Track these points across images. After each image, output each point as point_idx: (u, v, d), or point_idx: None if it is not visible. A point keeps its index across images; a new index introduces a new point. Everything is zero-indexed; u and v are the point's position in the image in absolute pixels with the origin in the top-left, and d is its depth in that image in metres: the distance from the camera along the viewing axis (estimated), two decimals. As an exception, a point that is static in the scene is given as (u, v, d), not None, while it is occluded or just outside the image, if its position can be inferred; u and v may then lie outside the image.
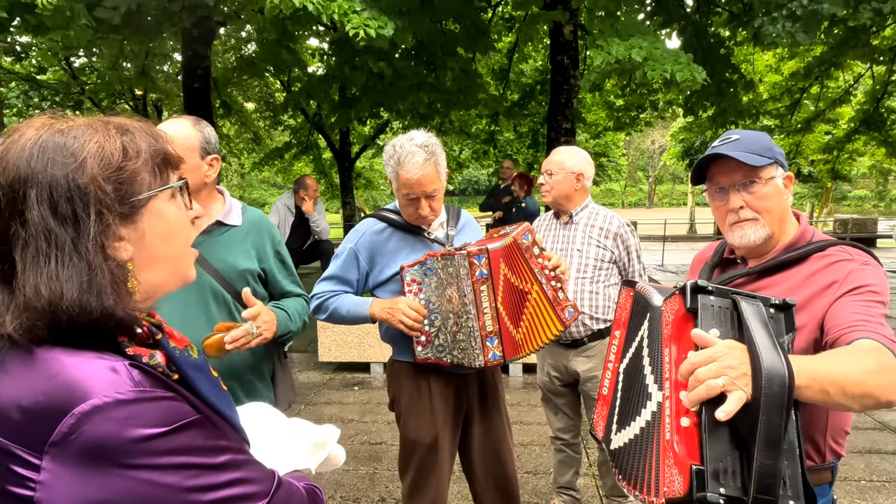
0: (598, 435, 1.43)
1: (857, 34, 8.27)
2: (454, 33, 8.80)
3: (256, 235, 1.90)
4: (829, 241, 1.38)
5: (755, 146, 1.37)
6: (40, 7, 4.94)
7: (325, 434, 1.08)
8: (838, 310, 1.23)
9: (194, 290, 1.73)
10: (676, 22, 8.27)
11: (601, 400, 1.47)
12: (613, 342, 1.46)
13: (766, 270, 1.40)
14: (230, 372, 1.76)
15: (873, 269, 1.30)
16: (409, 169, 1.95)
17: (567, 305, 2.00)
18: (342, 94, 10.59)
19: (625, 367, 1.35)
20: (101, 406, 0.66)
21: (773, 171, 1.38)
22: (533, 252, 1.96)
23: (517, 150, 15.41)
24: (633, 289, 1.41)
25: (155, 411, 0.70)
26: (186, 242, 0.87)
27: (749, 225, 1.38)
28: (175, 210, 0.84)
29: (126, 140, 0.78)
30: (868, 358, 1.06)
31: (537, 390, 4.94)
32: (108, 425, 0.66)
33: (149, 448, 0.68)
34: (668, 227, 18.65)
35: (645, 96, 11.88)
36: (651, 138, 43.08)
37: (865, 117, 12.19)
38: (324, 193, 18.09)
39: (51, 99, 13.56)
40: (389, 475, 3.45)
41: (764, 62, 14.16)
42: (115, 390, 0.68)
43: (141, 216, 0.79)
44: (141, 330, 0.78)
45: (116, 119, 0.81)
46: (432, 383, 2.11)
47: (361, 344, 5.33)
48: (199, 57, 8.98)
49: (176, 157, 0.86)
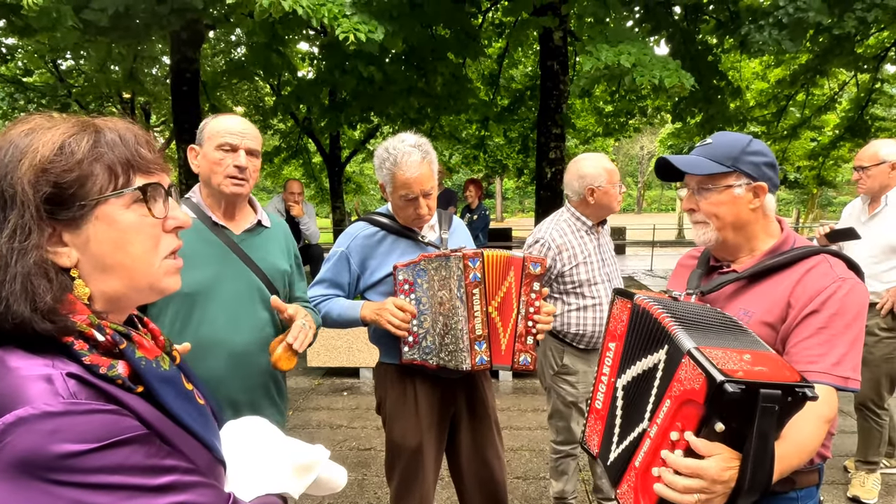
0: (593, 450, 1.41)
1: (841, 42, 8.39)
2: (444, 38, 8.81)
3: (285, 238, 1.94)
4: (812, 249, 1.39)
5: (718, 154, 1.40)
6: (26, 8, 4.89)
7: (313, 456, 1.02)
8: (800, 337, 1.29)
9: (244, 290, 1.74)
10: (665, 29, 8.35)
11: (594, 413, 1.44)
12: (608, 354, 1.43)
13: (755, 276, 1.42)
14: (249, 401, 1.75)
15: (847, 286, 1.31)
16: (408, 168, 1.95)
17: (527, 352, 1.97)
18: (332, 99, 10.58)
19: (625, 385, 1.32)
20: (25, 418, 0.63)
21: (732, 181, 1.40)
22: (532, 285, 1.97)
23: (507, 155, 15.46)
24: (629, 300, 1.38)
25: (86, 425, 0.66)
26: (147, 253, 0.80)
27: (700, 227, 1.47)
28: (132, 217, 0.78)
29: (72, 140, 0.74)
30: (814, 421, 1.20)
31: (527, 395, 4.95)
32: (32, 438, 0.63)
33: (76, 465, 0.64)
34: (657, 232, 18.78)
35: (634, 102, 11.99)
36: (640, 144, 43.41)
37: (850, 124, 12.36)
38: (313, 198, 18.03)
39: (37, 101, 13.41)
40: (378, 481, 3.42)
41: (751, 69, 14.33)
42: (44, 402, 0.65)
43: (86, 221, 0.75)
44: (104, 339, 0.74)
45: (98, 119, 0.78)
46: (418, 387, 2.10)
47: (350, 349, 5.30)
48: (187, 60, 8.92)
49: (147, 161, 0.80)
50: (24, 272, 0.69)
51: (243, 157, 1.71)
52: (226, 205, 1.78)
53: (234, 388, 1.71)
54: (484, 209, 7.27)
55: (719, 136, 1.46)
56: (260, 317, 1.77)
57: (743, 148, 1.41)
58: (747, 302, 1.41)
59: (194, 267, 1.62)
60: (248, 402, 1.74)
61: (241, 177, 1.72)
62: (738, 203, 1.41)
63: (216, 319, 1.69)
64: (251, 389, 1.76)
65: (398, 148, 1.98)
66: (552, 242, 2.59)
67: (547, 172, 8.60)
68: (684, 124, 10.71)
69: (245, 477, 0.89)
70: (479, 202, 7.30)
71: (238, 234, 1.78)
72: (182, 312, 1.67)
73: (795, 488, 1.36)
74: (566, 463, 2.87)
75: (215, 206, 1.78)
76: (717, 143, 1.44)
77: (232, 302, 1.71)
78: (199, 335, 1.65)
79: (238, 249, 1.76)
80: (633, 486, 1.15)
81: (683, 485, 1.03)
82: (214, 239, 1.73)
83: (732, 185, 1.40)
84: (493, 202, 38.61)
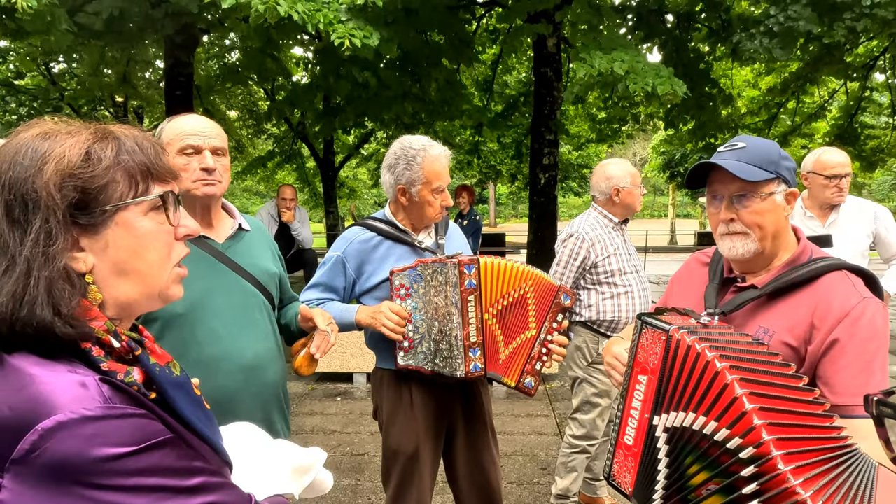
0: (626, 489, 1.29)
1: (831, 51, 8.50)
2: (439, 44, 8.86)
3: (267, 239, 1.87)
4: (834, 264, 1.33)
5: (758, 158, 1.32)
6: (20, 11, 4.87)
7: (310, 458, 1.05)
8: (838, 365, 1.22)
9: (240, 300, 1.66)
10: (657, 37, 8.43)
11: (623, 448, 1.31)
12: (637, 387, 1.28)
13: (777, 292, 1.34)
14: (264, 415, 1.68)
15: (874, 305, 1.27)
16: (437, 159, 2.01)
17: (532, 376, 1.99)
18: (326, 104, 10.57)
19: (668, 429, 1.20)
20: (65, 423, 0.63)
21: (774, 187, 1.33)
22: (557, 316, 1.98)
23: (501, 160, 15.52)
24: (664, 333, 1.23)
25: (124, 429, 0.66)
26: (162, 260, 0.82)
27: (738, 238, 1.35)
28: (150, 224, 0.79)
29: (97, 147, 0.75)
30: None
31: (521, 400, 4.95)
32: (72, 443, 0.63)
33: (116, 468, 0.64)
34: (650, 238, 18.87)
35: (627, 109, 12.06)
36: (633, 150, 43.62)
37: (840, 132, 12.49)
38: (307, 202, 18.00)
39: (29, 105, 13.36)
40: (372, 486, 3.42)
41: (742, 77, 14.48)
42: (83, 406, 0.64)
43: (106, 227, 0.75)
44: (119, 345, 0.74)
45: (113, 126, 0.79)
46: (414, 392, 2.10)
47: (344, 354, 5.29)
48: (181, 64, 8.90)
49: (163, 169, 0.81)
50: (48, 276, 0.69)
51: (210, 158, 1.58)
52: (202, 211, 1.65)
53: (250, 404, 1.62)
54: (475, 214, 7.29)
55: (749, 139, 1.38)
56: (263, 326, 1.70)
57: (779, 152, 1.36)
58: (767, 319, 1.35)
59: (184, 285, 1.57)
60: (263, 419, 1.64)
61: (210, 178, 1.60)
62: (778, 211, 1.34)
63: (218, 335, 1.60)
64: (266, 403, 1.69)
65: (419, 142, 2.01)
66: (586, 235, 2.84)
67: (541, 178, 8.64)
68: (676, 131, 10.79)
69: (248, 478, 0.90)
70: (471, 208, 7.33)
71: (222, 242, 1.68)
72: (180, 334, 1.57)
73: None
74: (578, 459, 2.94)
75: (191, 215, 1.68)
76: (753, 146, 1.35)
77: (230, 315, 1.62)
78: (204, 354, 1.57)
79: (225, 258, 1.65)
80: None
81: None
82: (198, 252, 1.60)
83: (774, 191, 1.33)
84: (487, 207, 38.69)
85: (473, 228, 7.07)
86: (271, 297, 1.77)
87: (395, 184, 2.04)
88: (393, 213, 2.14)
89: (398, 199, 2.07)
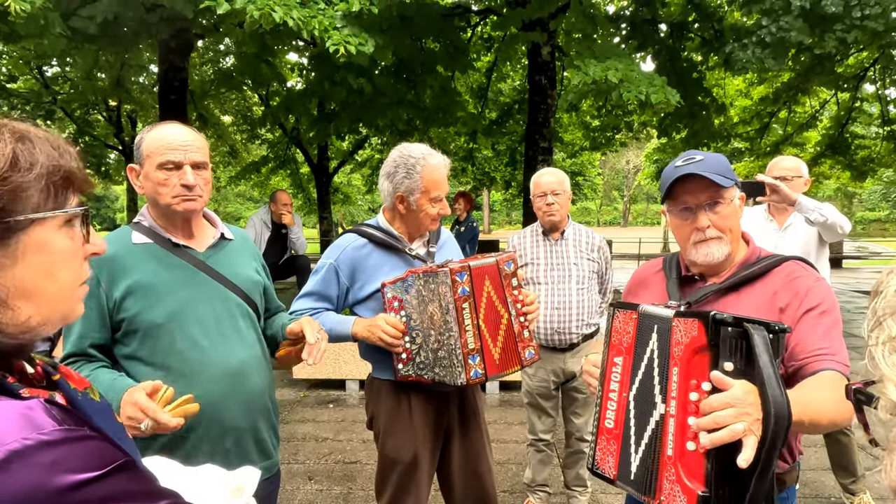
0: (610, 473, 1.31)
1: (822, 62, 8.60)
2: (434, 52, 8.89)
3: (251, 249, 1.85)
4: (781, 257, 1.47)
5: (718, 167, 1.42)
6: (13, 14, 4.85)
7: (243, 479, 1.05)
8: (802, 332, 1.34)
9: (223, 309, 1.63)
10: (651, 46, 8.50)
11: (604, 434, 1.34)
12: (614, 369, 1.34)
13: (734, 286, 1.46)
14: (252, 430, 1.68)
15: (824, 284, 1.42)
16: (436, 168, 2.00)
17: (530, 345, 2.00)
18: (321, 109, 10.59)
19: (635, 395, 1.28)
20: (20, 451, 0.55)
21: (734, 193, 1.45)
22: (511, 282, 1.97)
23: (495, 167, 15.55)
24: (634, 311, 1.31)
25: (85, 453, 0.59)
26: (73, 280, 0.72)
27: (714, 243, 1.44)
28: (65, 241, 0.70)
29: (21, 148, 0.66)
30: (832, 391, 1.21)
31: (514, 408, 4.94)
32: (31, 473, 0.55)
33: (82, 497, 0.58)
34: (643, 245, 18.96)
35: (620, 117, 12.13)
36: (626, 158, 43.89)
37: (831, 142, 12.63)
38: (301, 208, 17.96)
39: (21, 108, 13.27)
40: (364, 495, 3.39)
41: (734, 87, 14.59)
42: (37, 431, 0.57)
43: (17, 240, 0.65)
44: (34, 370, 0.67)
45: (16, 124, 0.69)
46: (413, 401, 2.09)
47: (336, 361, 5.26)
48: (175, 69, 8.89)
49: (83, 178, 0.72)
50: None
51: (190, 174, 1.54)
52: (182, 223, 1.63)
53: (235, 412, 1.61)
54: (472, 221, 7.30)
55: (703, 153, 1.48)
56: (247, 333, 1.68)
57: (727, 161, 1.49)
58: (729, 307, 1.42)
59: (164, 295, 1.54)
60: (249, 427, 1.65)
61: (191, 195, 1.56)
62: (738, 214, 1.47)
63: (200, 344, 1.57)
64: (251, 411, 1.66)
65: (418, 150, 2.00)
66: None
67: (534, 185, 8.65)
68: (669, 139, 10.88)
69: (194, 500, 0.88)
70: (468, 214, 7.33)
71: (202, 251, 1.65)
72: (160, 344, 1.54)
73: (785, 488, 1.42)
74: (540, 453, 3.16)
75: (170, 226, 1.62)
76: (710, 158, 1.45)
77: (213, 323, 1.60)
78: (186, 363, 1.55)
79: (206, 268, 1.63)
80: (676, 476, 1.11)
81: (723, 418, 1.01)
82: (178, 261, 1.59)
83: (734, 197, 1.45)
84: (481, 214, 38.79)
85: (470, 235, 7.07)
86: (255, 305, 1.74)
87: (394, 192, 2.03)
88: (389, 220, 2.12)
89: (396, 207, 2.06)
